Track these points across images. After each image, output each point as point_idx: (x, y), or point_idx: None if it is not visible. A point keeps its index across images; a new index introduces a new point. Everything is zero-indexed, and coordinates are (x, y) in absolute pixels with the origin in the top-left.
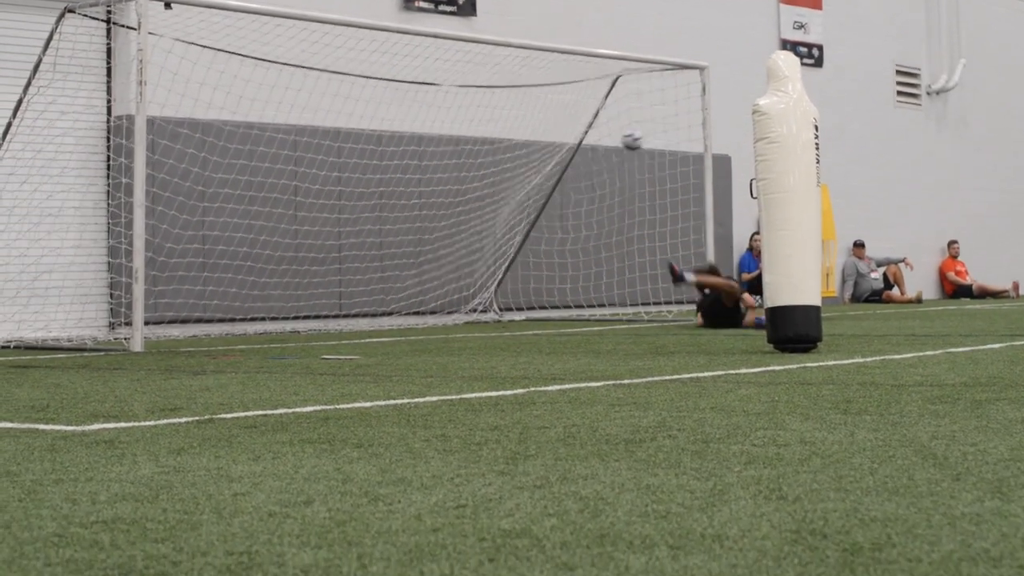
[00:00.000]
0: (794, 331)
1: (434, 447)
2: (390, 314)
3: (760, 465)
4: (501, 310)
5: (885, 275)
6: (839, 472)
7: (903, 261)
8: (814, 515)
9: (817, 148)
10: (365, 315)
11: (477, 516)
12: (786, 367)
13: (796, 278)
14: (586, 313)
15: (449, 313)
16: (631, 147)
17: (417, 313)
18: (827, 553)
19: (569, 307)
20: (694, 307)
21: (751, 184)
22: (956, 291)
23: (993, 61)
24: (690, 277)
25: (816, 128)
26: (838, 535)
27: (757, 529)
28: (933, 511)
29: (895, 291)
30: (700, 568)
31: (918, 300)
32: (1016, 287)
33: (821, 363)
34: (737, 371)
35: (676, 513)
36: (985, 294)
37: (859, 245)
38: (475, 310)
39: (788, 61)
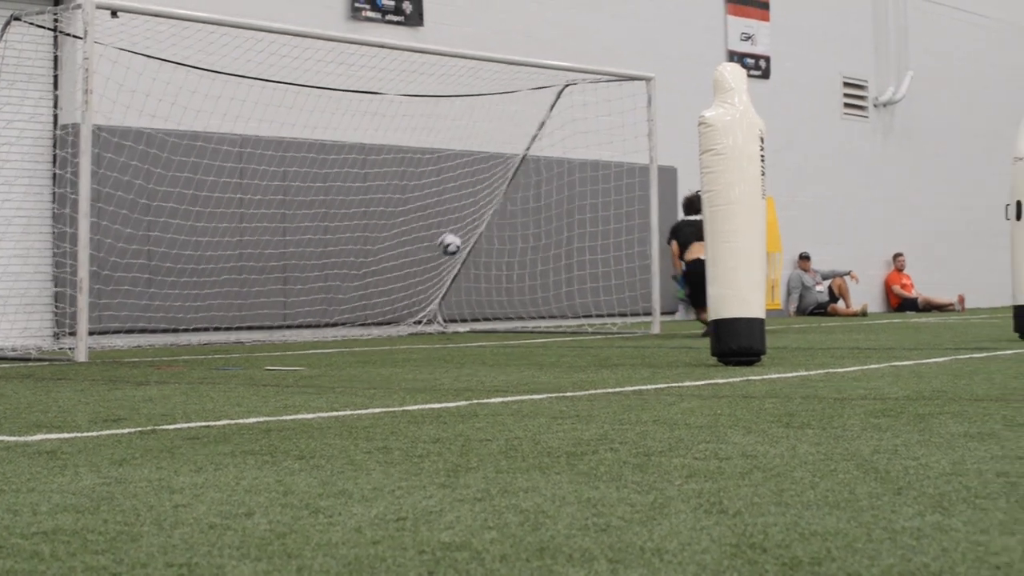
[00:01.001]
0: (738, 344)
1: (375, 459)
2: (334, 325)
3: (701, 479)
4: (446, 322)
5: (830, 288)
6: (780, 486)
7: (848, 274)
8: (754, 529)
9: (763, 160)
10: (309, 326)
11: (417, 529)
12: (729, 380)
13: (741, 290)
14: (530, 325)
15: (393, 324)
16: (447, 252)
17: (361, 324)
18: (766, 567)
19: (513, 319)
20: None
21: (694, 196)
22: (901, 304)
23: (940, 73)
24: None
25: (762, 140)
26: (778, 549)
27: (697, 543)
28: (874, 525)
29: (840, 304)
30: None
31: (863, 313)
32: (962, 300)
33: (765, 376)
34: (680, 384)
35: (616, 527)
36: (931, 307)
37: (805, 257)
38: (420, 322)
39: (734, 73)
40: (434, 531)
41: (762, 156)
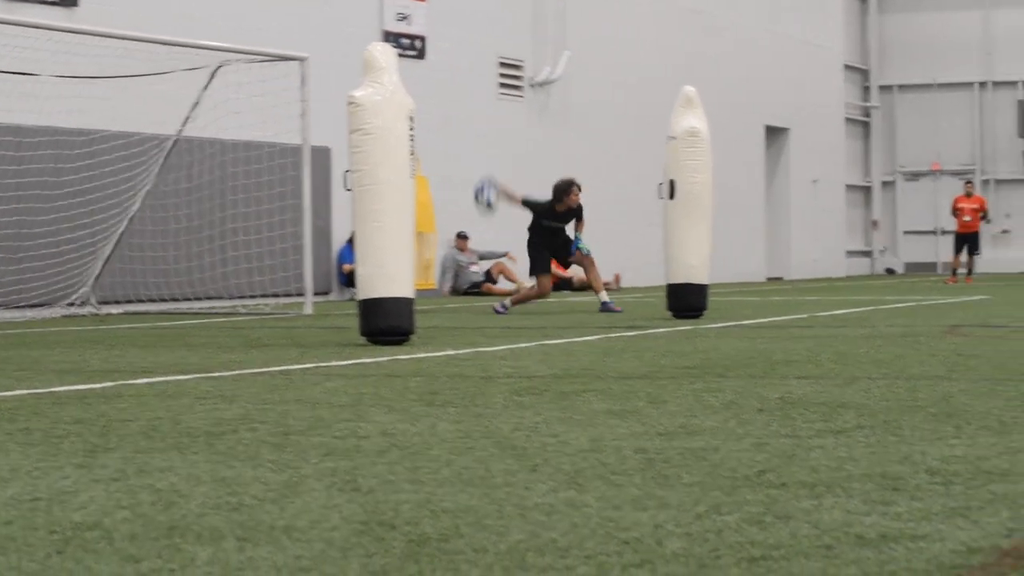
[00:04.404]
0: (386, 323)
1: (16, 440)
2: None
3: (338, 457)
4: (99, 303)
5: (489, 270)
6: (416, 464)
7: (506, 255)
8: (386, 506)
9: (412, 140)
10: None
11: (51, 509)
12: (376, 360)
13: (389, 270)
14: (185, 306)
15: (47, 307)
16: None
17: (16, 307)
18: (393, 544)
19: (168, 300)
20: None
21: (345, 176)
22: (557, 283)
23: (597, 52)
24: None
25: (412, 120)
26: (407, 526)
27: (327, 520)
28: (506, 502)
29: (504, 284)
30: (265, 560)
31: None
32: (618, 279)
33: (412, 355)
34: (327, 364)
35: (248, 505)
36: (587, 286)
37: (462, 237)
38: (73, 304)
39: (385, 52)
40: (67, 511)
41: (412, 136)
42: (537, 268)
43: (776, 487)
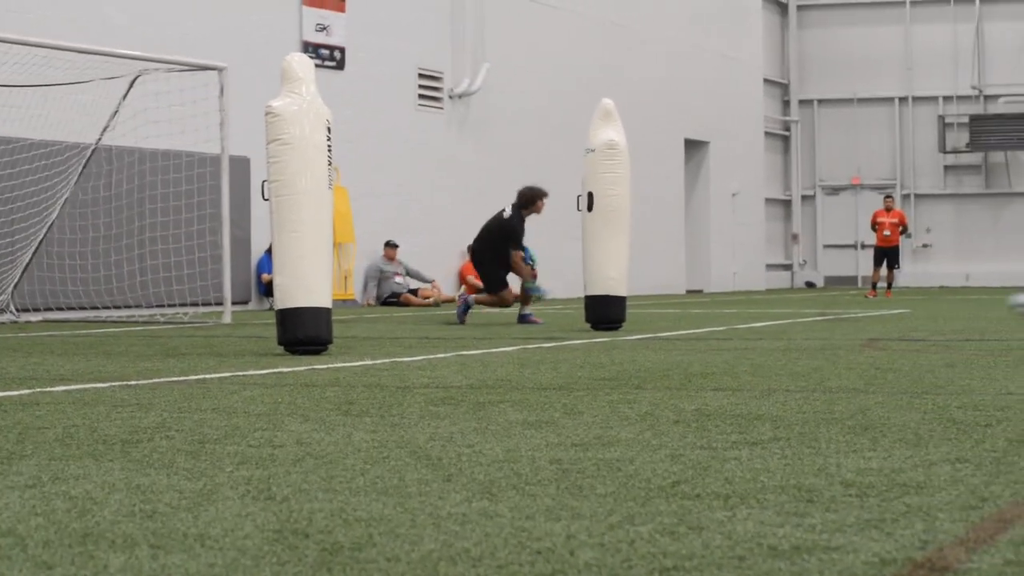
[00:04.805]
0: (304, 333)
1: None
2: None
3: (253, 466)
4: (18, 311)
5: (416, 290)
6: (330, 472)
7: (432, 284)
8: (299, 515)
9: (330, 150)
10: None
11: None
12: (294, 369)
13: (307, 280)
14: (104, 315)
15: None
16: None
17: None
18: (306, 552)
19: (87, 309)
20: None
21: (263, 186)
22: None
23: (516, 64)
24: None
25: (329, 131)
26: (320, 534)
27: (240, 529)
28: (419, 511)
29: (431, 296)
30: (178, 567)
31: (435, 304)
32: None
33: (330, 365)
34: (245, 373)
35: (162, 513)
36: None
37: (391, 246)
38: None
39: (302, 63)
40: None
41: (329, 146)
42: (499, 287)
43: (690, 498)
